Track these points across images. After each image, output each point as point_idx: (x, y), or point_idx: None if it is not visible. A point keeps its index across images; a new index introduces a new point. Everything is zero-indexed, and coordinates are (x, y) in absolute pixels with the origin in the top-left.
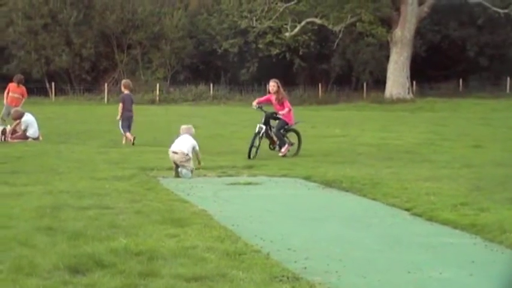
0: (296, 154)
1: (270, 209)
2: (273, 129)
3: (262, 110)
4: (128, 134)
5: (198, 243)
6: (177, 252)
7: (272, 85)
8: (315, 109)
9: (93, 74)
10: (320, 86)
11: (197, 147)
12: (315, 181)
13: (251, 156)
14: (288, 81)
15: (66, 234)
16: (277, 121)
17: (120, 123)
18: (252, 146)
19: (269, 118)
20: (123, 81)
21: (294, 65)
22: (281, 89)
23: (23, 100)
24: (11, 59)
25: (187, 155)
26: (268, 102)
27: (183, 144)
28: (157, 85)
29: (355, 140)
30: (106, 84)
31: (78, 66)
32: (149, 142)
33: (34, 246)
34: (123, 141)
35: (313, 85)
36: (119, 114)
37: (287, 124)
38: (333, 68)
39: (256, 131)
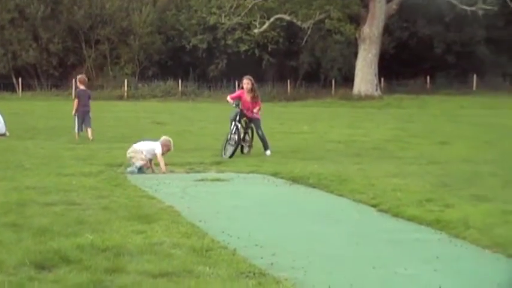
0: (248, 152)
1: (237, 205)
2: (259, 132)
3: (238, 106)
4: (77, 131)
5: (164, 239)
6: (144, 249)
7: (246, 83)
8: (283, 105)
9: (61, 69)
10: (289, 83)
11: (158, 153)
12: (282, 177)
13: (226, 154)
14: (257, 78)
15: (31, 230)
16: (251, 121)
17: (76, 119)
18: (225, 143)
19: (243, 116)
20: (78, 76)
21: (263, 62)
22: (255, 86)
23: None
24: None
25: (139, 151)
26: (239, 99)
27: (142, 144)
28: (126, 81)
29: (323, 136)
30: (74, 80)
31: (45, 62)
32: (117, 138)
33: None
34: (90, 136)
35: (282, 81)
36: (74, 109)
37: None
38: (302, 64)
39: (232, 125)
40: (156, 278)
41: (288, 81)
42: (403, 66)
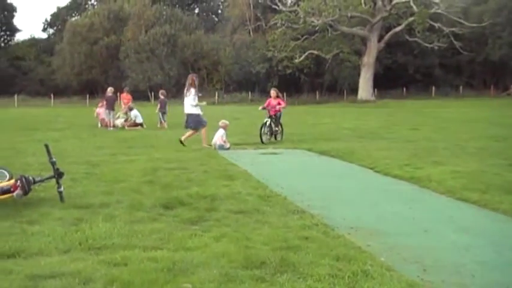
0: (281, 139)
1: (286, 168)
2: (279, 121)
3: (266, 109)
4: (164, 123)
5: (241, 190)
6: (229, 196)
7: (272, 92)
8: (313, 107)
9: (177, 86)
10: (317, 93)
11: (220, 135)
12: (314, 151)
13: (263, 141)
14: (297, 90)
15: (160, 184)
16: (276, 115)
17: (160, 115)
18: (261, 133)
19: (271, 116)
20: (161, 91)
21: (300, 80)
22: (279, 94)
23: (130, 103)
24: (127, 78)
25: (216, 140)
26: (268, 105)
27: (216, 135)
28: (216, 93)
29: (339, 125)
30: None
31: (167, 82)
32: (212, 128)
33: (141, 192)
34: (165, 126)
35: (313, 92)
36: (157, 109)
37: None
38: (325, 81)
39: (264, 121)
40: (237, 214)
41: (317, 91)
42: (388, 81)
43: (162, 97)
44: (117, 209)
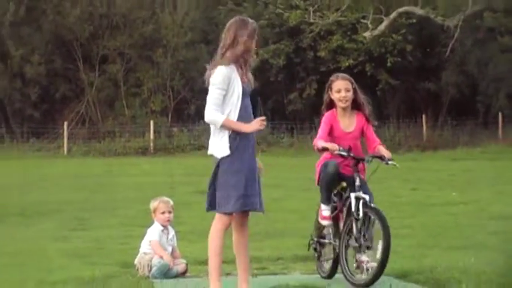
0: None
1: None
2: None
3: (349, 154)
4: None
5: None
6: None
7: (344, 87)
8: (416, 158)
9: (45, 106)
10: (424, 120)
11: (152, 239)
12: (417, 281)
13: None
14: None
15: None
16: (360, 185)
17: None
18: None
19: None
20: None
21: (378, 85)
22: (360, 96)
23: None
24: None
25: (144, 253)
26: (330, 133)
27: (142, 245)
28: (152, 123)
29: (486, 209)
30: (66, 124)
31: (19, 94)
32: (138, 218)
33: None
34: None
35: (412, 118)
36: None
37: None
38: (446, 88)
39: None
40: None
41: (423, 117)
42: None
43: None
44: None
